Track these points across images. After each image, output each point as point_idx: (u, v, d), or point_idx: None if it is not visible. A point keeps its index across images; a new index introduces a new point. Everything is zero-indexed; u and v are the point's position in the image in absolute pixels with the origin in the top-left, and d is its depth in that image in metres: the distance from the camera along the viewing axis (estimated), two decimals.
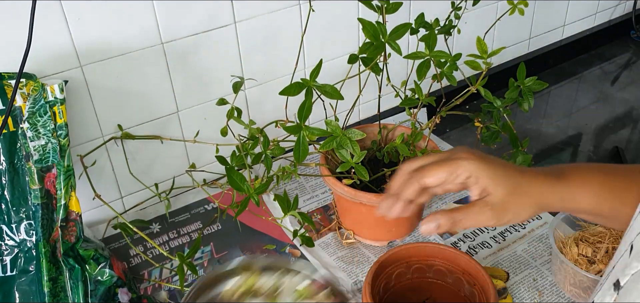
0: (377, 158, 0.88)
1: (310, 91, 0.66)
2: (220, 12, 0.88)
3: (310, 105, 0.65)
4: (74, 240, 0.74)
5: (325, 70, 0.92)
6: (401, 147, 0.80)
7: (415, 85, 0.78)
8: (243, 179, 0.68)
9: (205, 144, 0.92)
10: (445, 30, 0.81)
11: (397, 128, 0.86)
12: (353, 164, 0.71)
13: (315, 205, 0.96)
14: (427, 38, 0.74)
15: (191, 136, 0.92)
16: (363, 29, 0.71)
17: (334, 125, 0.68)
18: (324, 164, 0.83)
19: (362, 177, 0.71)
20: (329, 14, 0.98)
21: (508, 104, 0.80)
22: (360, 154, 0.69)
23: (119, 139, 0.87)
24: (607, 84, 1.34)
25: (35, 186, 0.71)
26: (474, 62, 0.72)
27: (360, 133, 0.68)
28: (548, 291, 0.78)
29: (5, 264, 0.71)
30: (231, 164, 0.76)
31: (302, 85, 0.66)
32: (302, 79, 0.67)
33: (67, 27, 0.77)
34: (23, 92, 0.72)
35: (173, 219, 0.94)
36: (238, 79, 0.80)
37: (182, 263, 0.69)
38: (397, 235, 0.88)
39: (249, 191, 0.67)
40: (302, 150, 0.66)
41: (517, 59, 1.33)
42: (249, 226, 0.92)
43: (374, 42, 0.71)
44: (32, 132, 0.71)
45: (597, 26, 1.48)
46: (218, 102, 0.81)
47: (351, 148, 0.68)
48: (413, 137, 0.83)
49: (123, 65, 0.83)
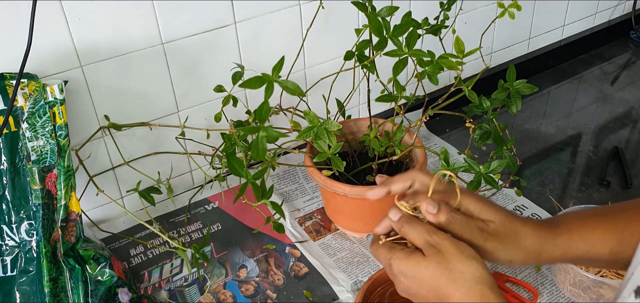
0: (366, 152, 0.89)
1: (270, 86, 0.64)
2: (220, 12, 0.88)
3: (268, 108, 0.63)
4: (74, 240, 0.74)
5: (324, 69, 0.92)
6: (373, 142, 0.81)
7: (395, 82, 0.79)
8: (242, 165, 0.68)
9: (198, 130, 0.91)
10: (434, 30, 0.81)
11: (387, 123, 0.87)
12: (330, 155, 0.71)
13: (315, 206, 0.96)
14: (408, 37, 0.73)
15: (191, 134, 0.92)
16: (369, 23, 0.71)
17: (312, 116, 0.68)
18: (308, 153, 0.84)
19: (337, 168, 0.73)
20: (329, 14, 0.98)
21: (496, 106, 0.80)
22: (336, 146, 0.70)
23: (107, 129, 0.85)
24: (606, 84, 1.34)
25: (36, 187, 0.71)
26: (448, 61, 0.72)
27: (337, 125, 0.68)
28: (548, 291, 0.78)
29: (6, 264, 0.71)
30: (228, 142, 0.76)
31: (263, 80, 0.64)
32: (263, 74, 0.64)
33: (68, 27, 0.77)
34: (25, 93, 0.72)
35: (173, 219, 0.94)
36: (239, 69, 0.80)
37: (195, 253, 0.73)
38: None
39: (247, 176, 0.67)
40: (260, 149, 0.65)
41: (517, 59, 1.34)
42: (249, 226, 0.92)
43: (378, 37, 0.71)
44: (31, 132, 0.71)
45: (596, 26, 1.48)
46: (215, 88, 0.81)
47: (328, 139, 0.68)
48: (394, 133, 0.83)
49: (123, 65, 0.83)
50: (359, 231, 0.89)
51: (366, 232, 0.89)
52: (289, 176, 1.03)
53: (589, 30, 1.46)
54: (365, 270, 0.83)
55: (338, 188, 0.81)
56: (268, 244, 0.88)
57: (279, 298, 0.79)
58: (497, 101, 0.79)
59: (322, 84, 0.88)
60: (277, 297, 0.80)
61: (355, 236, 0.89)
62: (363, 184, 0.84)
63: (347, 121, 0.93)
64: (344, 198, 0.82)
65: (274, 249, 0.87)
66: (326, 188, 0.82)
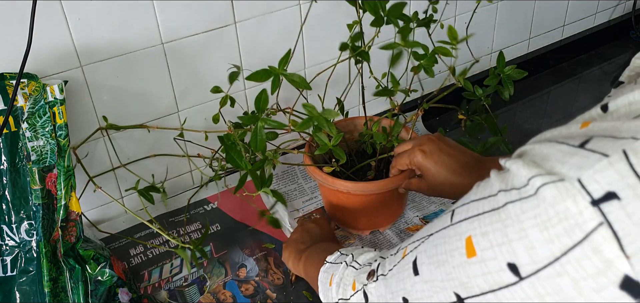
0: (364, 150, 0.89)
1: (277, 79, 0.65)
2: (220, 12, 0.88)
3: (266, 96, 0.65)
4: (74, 240, 0.74)
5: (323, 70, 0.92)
6: (377, 135, 0.82)
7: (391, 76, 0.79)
8: (241, 157, 0.68)
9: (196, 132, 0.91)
10: (424, 23, 0.81)
11: (382, 120, 0.87)
12: (330, 147, 0.71)
13: (314, 206, 0.96)
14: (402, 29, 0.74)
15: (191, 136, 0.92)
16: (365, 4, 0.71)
17: (310, 107, 0.68)
18: (307, 153, 0.84)
19: (339, 157, 0.72)
20: (330, 14, 0.98)
21: (489, 93, 0.82)
22: (337, 137, 0.70)
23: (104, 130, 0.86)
24: (607, 84, 1.34)
25: (36, 186, 0.71)
26: (444, 49, 0.72)
27: (336, 113, 0.69)
28: None
29: (6, 264, 0.71)
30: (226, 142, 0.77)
31: (270, 72, 0.65)
32: (270, 67, 0.66)
33: (68, 27, 0.77)
34: (25, 93, 0.72)
35: (173, 218, 0.94)
36: (235, 69, 0.80)
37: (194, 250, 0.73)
38: (378, 224, 0.88)
39: (247, 167, 0.67)
40: (259, 140, 0.65)
41: (517, 59, 1.34)
42: (248, 225, 0.92)
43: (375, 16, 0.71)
44: (31, 132, 0.71)
45: (596, 26, 1.48)
46: (212, 89, 0.81)
47: (328, 129, 0.68)
48: (392, 127, 0.83)
49: (123, 65, 0.83)
50: (362, 228, 0.89)
51: (369, 229, 0.89)
52: (287, 176, 1.03)
53: (589, 30, 1.46)
54: None
55: (340, 185, 0.80)
56: (267, 243, 0.88)
57: (278, 299, 0.79)
58: (490, 88, 0.81)
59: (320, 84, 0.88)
60: (276, 297, 0.80)
61: (358, 234, 0.89)
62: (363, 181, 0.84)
63: (344, 120, 0.93)
64: (346, 195, 0.82)
65: (273, 248, 0.87)
66: (328, 185, 0.82)
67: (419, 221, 0.91)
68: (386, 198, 0.84)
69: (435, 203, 0.95)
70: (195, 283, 0.82)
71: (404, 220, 0.91)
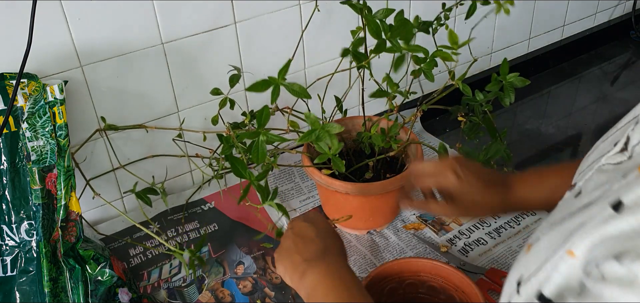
0: (362, 150, 0.89)
1: (277, 89, 0.65)
2: (220, 12, 0.88)
3: (268, 113, 0.65)
4: (74, 240, 0.74)
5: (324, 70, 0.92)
6: (376, 137, 0.82)
7: (388, 78, 0.79)
8: (245, 166, 0.68)
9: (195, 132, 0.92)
10: (426, 27, 0.81)
11: (381, 120, 0.87)
12: (330, 156, 0.72)
13: (311, 205, 0.96)
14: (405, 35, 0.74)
15: (190, 136, 0.93)
16: (367, 26, 0.71)
17: (313, 118, 0.68)
18: (306, 153, 0.84)
19: (338, 168, 0.73)
20: (330, 15, 0.98)
21: (490, 98, 0.81)
22: (337, 147, 0.70)
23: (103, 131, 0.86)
24: (606, 84, 1.34)
25: (36, 187, 0.71)
26: (444, 53, 0.73)
27: (338, 127, 0.69)
28: None
29: (6, 264, 0.71)
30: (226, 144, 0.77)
31: (269, 82, 0.65)
32: (269, 77, 0.65)
33: (68, 27, 0.77)
34: (25, 93, 0.72)
35: (171, 217, 0.94)
36: (235, 71, 0.81)
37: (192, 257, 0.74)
38: (375, 224, 0.89)
39: (250, 177, 0.68)
40: (260, 153, 0.66)
41: (517, 59, 1.34)
42: (246, 225, 0.92)
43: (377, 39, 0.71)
44: (31, 132, 0.72)
45: (596, 26, 1.48)
46: (212, 91, 0.81)
47: (329, 140, 0.68)
48: (391, 128, 0.84)
49: (123, 65, 0.84)
50: (360, 228, 0.89)
51: (366, 229, 0.89)
52: (285, 175, 1.03)
53: (589, 31, 1.46)
54: (363, 268, 0.83)
55: (339, 186, 0.81)
56: (265, 243, 0.89)
57: (277, 297, 0.80)
58: (491, 93, 0.80)
59: (319, 84, 0.88)
60: (275, 295, 0.80)
61: (356, 234, 0.89)
62: (361, 181, 0.84)
63: (343, 119, 0.93)
64: (344, 197, 0.82)
65: (271, 248, 0.88)
66: (326, 186, 0.82)
67: (415, 219, 0.91)
68: (384, 199, 0.84)
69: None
70: (194, 283, 0.82)
71: (401, 218, 0.92)
